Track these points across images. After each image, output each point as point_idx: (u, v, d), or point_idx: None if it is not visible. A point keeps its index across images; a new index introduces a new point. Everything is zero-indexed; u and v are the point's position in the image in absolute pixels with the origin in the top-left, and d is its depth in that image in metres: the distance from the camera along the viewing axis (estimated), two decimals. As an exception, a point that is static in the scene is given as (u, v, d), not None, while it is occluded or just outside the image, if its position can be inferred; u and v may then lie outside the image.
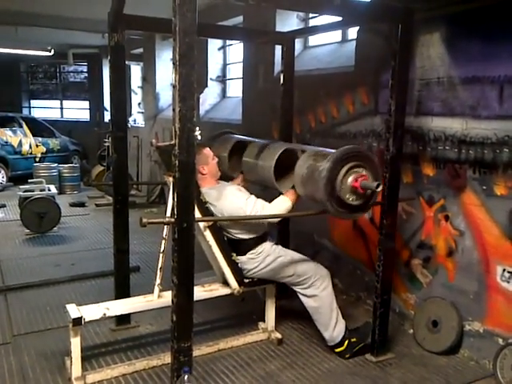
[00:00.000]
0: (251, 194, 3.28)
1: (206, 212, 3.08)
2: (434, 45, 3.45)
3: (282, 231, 4.21)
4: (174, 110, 2.29)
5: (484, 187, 3.18)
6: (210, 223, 3.08)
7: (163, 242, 3.09)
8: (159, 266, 3.11)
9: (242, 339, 3.48)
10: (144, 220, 2.40)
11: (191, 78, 2.27)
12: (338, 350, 3.31)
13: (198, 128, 2.40)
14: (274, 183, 3.20)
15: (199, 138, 2.45)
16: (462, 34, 3.25)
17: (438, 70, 3.43)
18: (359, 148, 2.96)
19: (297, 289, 3.36)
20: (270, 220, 3.20)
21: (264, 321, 3.62)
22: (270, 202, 3.19)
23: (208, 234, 3.10)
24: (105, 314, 2.93)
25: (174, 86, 2.28)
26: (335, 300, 3.35)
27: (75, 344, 2.84)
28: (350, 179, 2.79)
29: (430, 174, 3.55)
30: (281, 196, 3.18)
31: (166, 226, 3.01)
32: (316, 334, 3.52)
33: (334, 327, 3.29)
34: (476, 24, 3.16)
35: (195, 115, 2.32)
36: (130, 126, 8.45)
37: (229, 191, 3.20)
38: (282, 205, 3.14)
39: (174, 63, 2.26)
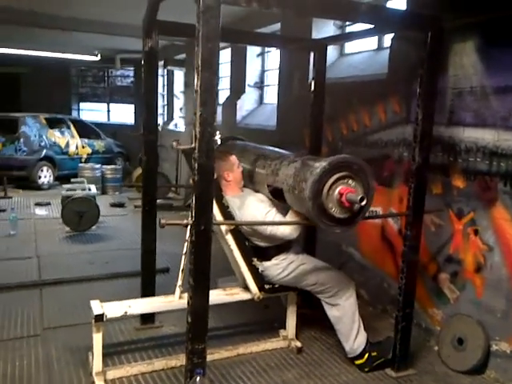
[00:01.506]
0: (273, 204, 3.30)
1: (228, 216, 3.12)
2: (467, 53, 3.36)
3: (308, 240, 4.18)
4: (195, 114, 2.34)
5: (515, 201, 3.07)
6: (232, 227, 3.11)
7: (186, 243, 3.14)
8: (181, 267, 3.17)
9: (261, 345, 3.49)
10: (163, 221, 2.46)
11: (213, 82, 2.32)
12: (357, 362, 3.27)
13: (218, 132, 2.45)
14: (276, 201, 3.24)
15: (219, 142, 2.49)
16: (495, 43, 3.15)
17: (470, 78, 3.34)
18: (348, 158, 2.80)
19: (320, 297, 3.34)
20: (284, 235, 3.15)
21: (285, 328, 3.62)
22: None
23: (229, 238, 3.13)
24: (126, 312, 3.01)
25: (196, 91, 2.33)
26: (358, 311, 3.31)
27: (97, 340, 2.93)
28: (336, 192, 2.69)
29: (460, 186, 3.45)
30: (290, 211, 3.13)
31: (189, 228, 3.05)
32: (337, 344, 3.48)
33: (354, 339, 3.25)
34: (510, 32, 3.06)
35: (216, 120, 2.36)
36: (160, 129, 8.54)
37: (251, 201, 3.21)
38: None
39: (196, 68, 2.31)
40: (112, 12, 7.31)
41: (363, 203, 2.62)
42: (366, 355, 3.23)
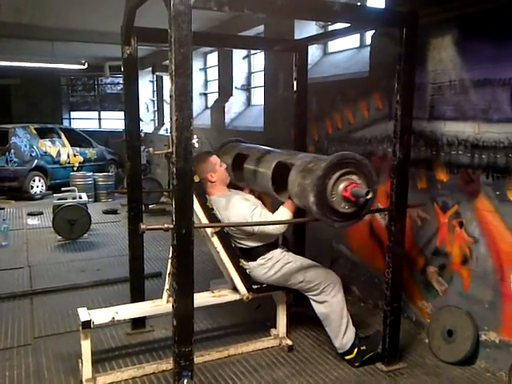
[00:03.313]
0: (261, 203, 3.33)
1: (213, 218, 3.13)
2: (445, 48, 3.39)
3: (297, 238, 4.20)
4: (171, 118, 2.36)
5: (497, 193, 3.09)
6: (217, 229, 3.13)
7: (171, 247, 3.14)
8: (168, 271, 3.17)
9: (252, 345, 3.49)
10: (142, 226, 2.47)
11: (187, 87, 2.34)
12: (347, 357, 3.28)
13: (195, 136, 2.47)
14: (275, 194, 3.24)
15: (196, 145, 2.50)
16: (472, 36, 3.18)
17: (449, 73, 3.37)
18: (352, 154, 2.87)
19: (308, 295, 3.36)
20: (272, 231, 3.19)
21: (276, 327, 3.63)
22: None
23: (215, 240, 3.15)
24: (113, 318, 3.01)
25: (170, 96, 2.35)
26: (346, 307, 3.32)
27: (85, 346, 2.93)
28: (341, 186, 2.75)
29: (443, 180, 3.47)
30: (281, 207, 3.19)
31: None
32: (328, 341, 3.50)
33: (343, 334, 3.27)
34: (487, 26, 3.09)
35: (192, 123, 2.37)
36: (142, 134, 8.43)
37: (236, 200, 3.23)
38: (282, 216, 3.15)
39: (170, 73, 2.33)
40: (100, 21, 7.32)
41: (369, 196, 2.69)
42: (356, 350, 3.24)
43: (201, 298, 3.15)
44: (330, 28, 5.18)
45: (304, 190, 2.84)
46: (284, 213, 3.15)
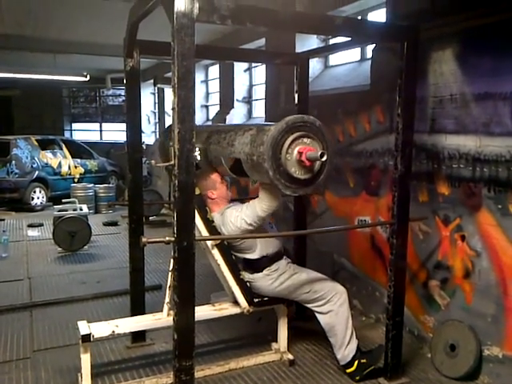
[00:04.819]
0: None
1: (214, 231, 3.12)
2: (446, 61, 3.40)
3: (298, 250, 4.19)
4: (173, 131, 2.36)
5: (499, 206, 3.08)
6: (218, 242, 3.12)
7: (172, 260, 3.13)
8: (168, 284, 3.16)
9: (253, 359, 3.46)
10: (144, 239, 2.46)
11: (190, 99, 2.34)
12: (348, 370, 3.26)
13: (197, 148, 2.47)
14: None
15: (198, 158, 2.50)
16: (473, 50, 3.19)
17: (450, 86, 3.38)
18: (305, 117, 2.71)
19: (313, 306, 3.33)
20: (261, 213, 3.02)
21: (277, 341, 3.59)
22: None
23: (216, 253, 3.13)
24: (113, 332, 2.99)
25: (173, 109, 2.35)
26: (351, 318, 3.30)
27: (85, 360, 2.91)
28: (296, 151, 2.61)
29: (445, 193, 3.46)
30: (259, 192, 3.04)
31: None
32: (330, 355, 3.48)
33: (346, 346, 3.24)
34: (487, 40, 3.11)
35: (194, 136, 2.37)
36: (144, 146, 8.40)
37: (228, 213, 3.20)
38: (261, 196, 3.00)
39: (172, 86, 2.34)
40: (102, 33, 7.39)
41: (324, 159, 2.55)
42: (356, 362, 3.22)
43: (201, 312, 3.12)
44: (331, 42, 5.23)
45: (260, 167, 2.66)
46: (262, 193, 2.99)
